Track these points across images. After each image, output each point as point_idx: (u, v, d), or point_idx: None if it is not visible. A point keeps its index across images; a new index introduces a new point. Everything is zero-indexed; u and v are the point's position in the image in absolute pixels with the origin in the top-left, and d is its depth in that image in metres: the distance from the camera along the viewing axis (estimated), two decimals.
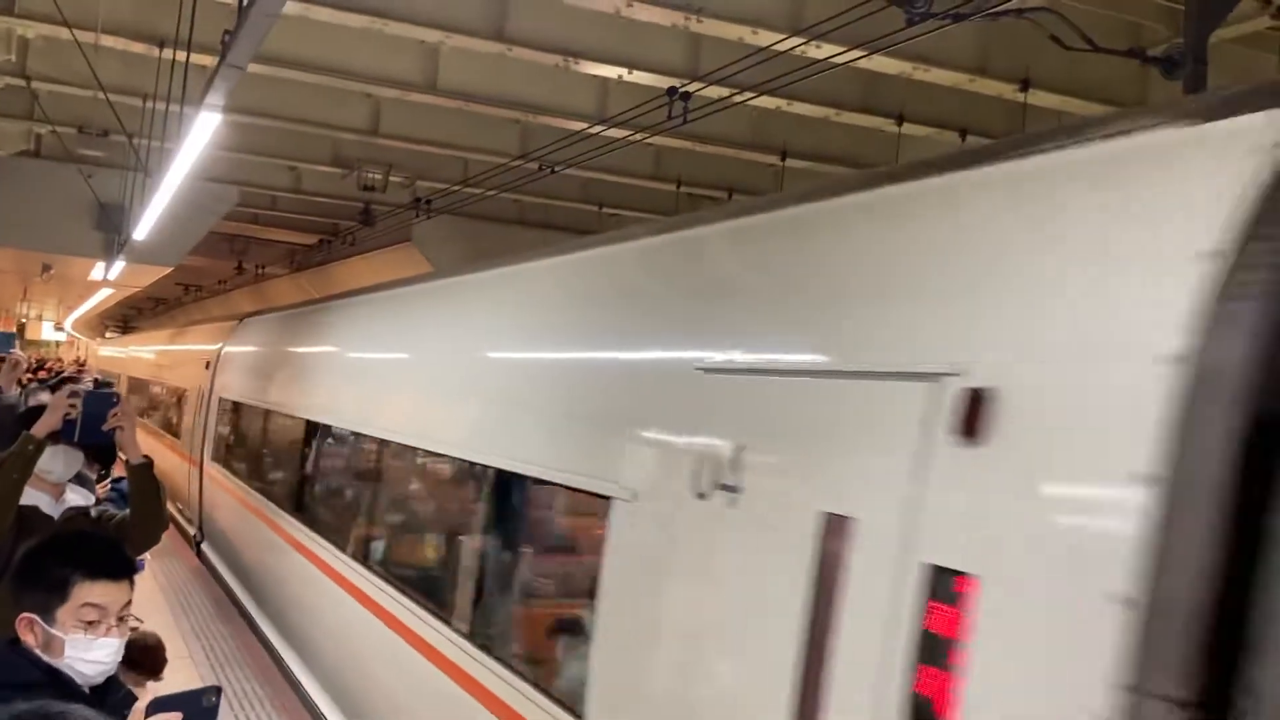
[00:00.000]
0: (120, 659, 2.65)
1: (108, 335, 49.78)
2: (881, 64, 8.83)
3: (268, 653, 9.15)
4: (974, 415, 2.37)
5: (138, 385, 22.21)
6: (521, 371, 5.22)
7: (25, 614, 2.59)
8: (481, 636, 4.83)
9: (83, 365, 36.97)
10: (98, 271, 18.02)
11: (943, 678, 2.31)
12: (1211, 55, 6.84)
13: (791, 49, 8.24)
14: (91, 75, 9.47)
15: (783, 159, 12.30)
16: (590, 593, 3.75)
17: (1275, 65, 8.74)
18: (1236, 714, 1.89)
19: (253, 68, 5.85)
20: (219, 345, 13.76)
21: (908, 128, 10.87)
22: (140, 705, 2.49)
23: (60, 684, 2.55)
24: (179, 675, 7.54)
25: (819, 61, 8.32)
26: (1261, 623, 1.89)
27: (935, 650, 2.36)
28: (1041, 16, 6.77)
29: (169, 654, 5.78)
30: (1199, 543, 1.93)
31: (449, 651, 4.98)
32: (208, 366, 13.70)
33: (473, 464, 5.27)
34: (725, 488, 3.11)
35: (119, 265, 15.98)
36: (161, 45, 9.61)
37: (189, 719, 2.46)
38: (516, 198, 15.48)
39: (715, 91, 9.20)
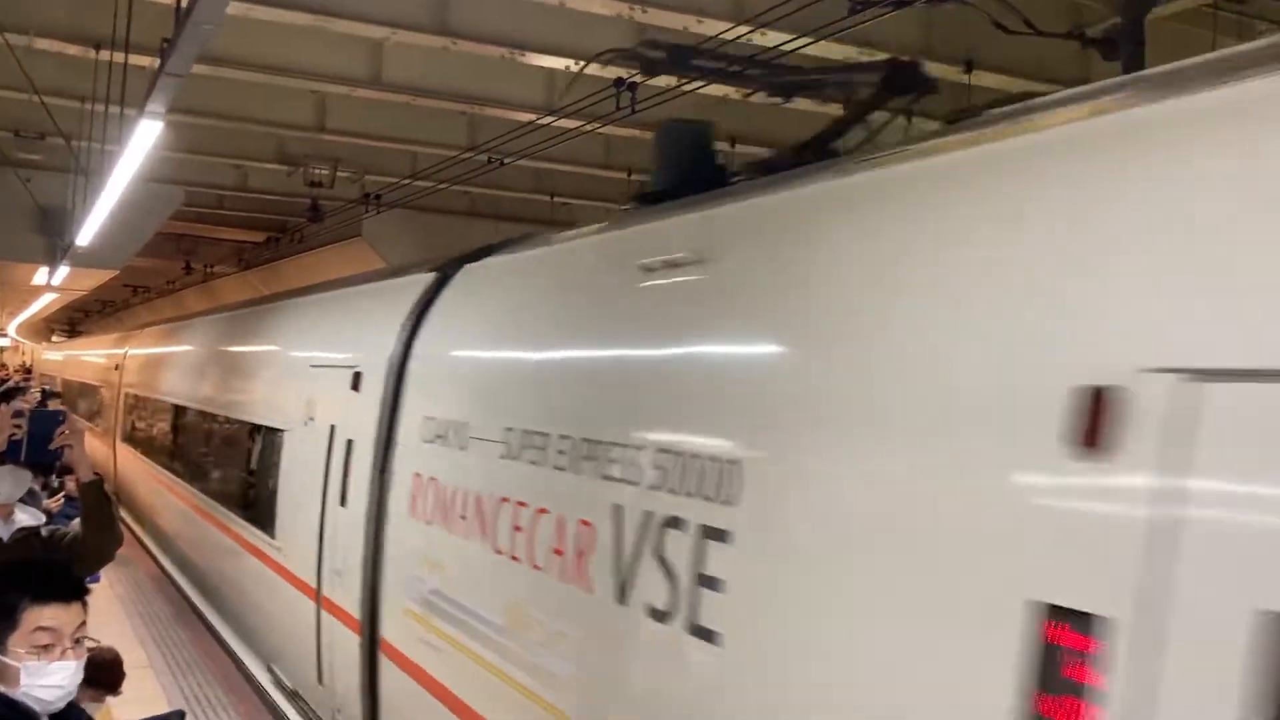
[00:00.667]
0: (79, 681, 2.61)
1: (54, 339, 48.91)
2: (827, 49, 8.87)
3: (229, 656, 9.09)
4: None
5: (70, 385, 25.88)
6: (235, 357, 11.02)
7: None
8: (219, 497, 10.13)
9: (29, 372, 36.34)
10: (41, 276, 17.68)
11: None
12: (1150, 33, 6.95)
13: (737, 38, 8.25)
14: (25, 78, 9.28)
15: (733, 145, 12.32)
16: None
17: (1211, 42, 8.89)
18: None
19: (194, 68, 5.74)
20: (124, 350, 18.56)
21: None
22: None
23: (19, 714, 2.51)
24: (141, 685, 7.48)
25: (765, 50, 8.34)
26: None
27: None
28: (983, 1, 6.84)
29: (128, 664, 5.72)
30: None
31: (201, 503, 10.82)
32: (116, 368, 18.59)
33: (213, 414, 10.99)
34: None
35: (63, 270, 15.69)
36: (98, 47, 9.42)
37: None
38: (467, 190, 15.38)
39: (664, 81, 9.19)
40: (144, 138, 6.62)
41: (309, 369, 7.68)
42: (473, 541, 4.61)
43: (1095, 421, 2.18)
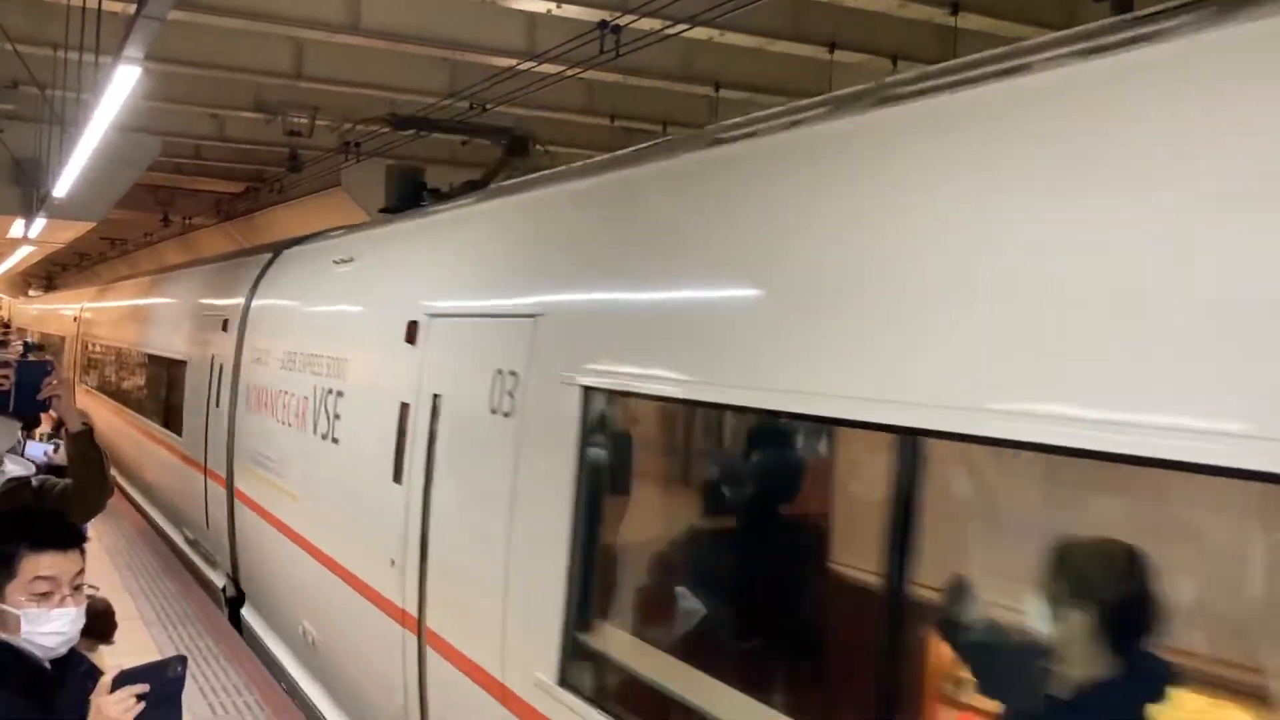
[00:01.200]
0: (81, 627, 2.61)
1: (30, 293, 48.44)
2: None
3: (218, 607, 9.14)
4: None
5: (42, 337, 28.39)
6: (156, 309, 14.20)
7: None
8: (145, 412, 13.31)
9: (7, 326, 36.06)
10: (17, 229, 17.46)
11: None
12: None
13: None
14: None
15: (716, 90, 12.23)
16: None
17: None
18: None
19: (171, 14, 5.63)
20: (81, 305, 22.06)
21: (840, 55, 10.84)
22: (106, 679, 2.45)
23: (21, 660, 2.51)
24: (131, 637, 7.49)
25: None
26: None
27: None
28: None
29: (118, 616, 5.73)
30: None
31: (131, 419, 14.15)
32: (75, 320, 21.94)
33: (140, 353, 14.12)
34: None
35: (39, 222, 15.50)
36: None
37: (156, 690, 2.43)
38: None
39: (647, 24, 9.09)
40: (122, 84, 6.50)
41: (202, 316, 11.05)
42: (270, 418, 8.00)
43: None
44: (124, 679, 2.42)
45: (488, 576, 4.19)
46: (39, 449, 8.70)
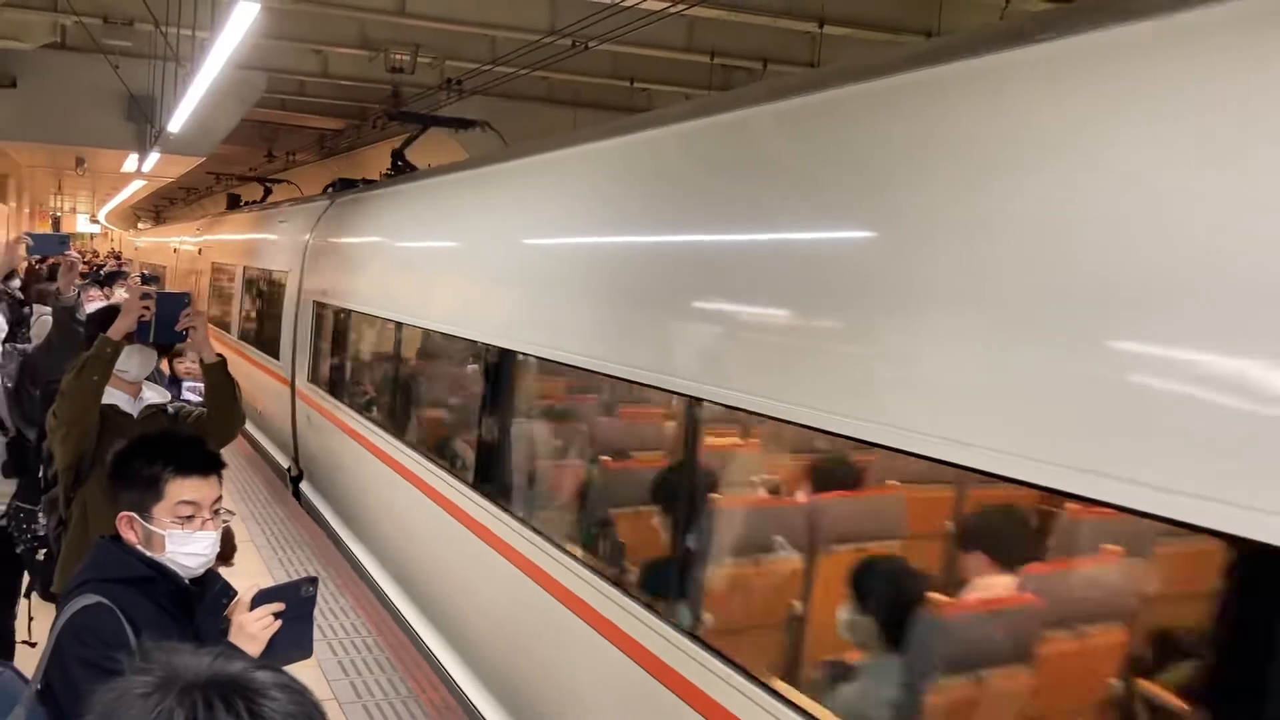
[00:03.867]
0: (217, 550, 2.74)
1: (140, 226, 49.99)
2: None
3: (325, 533, 9.47)
4: None
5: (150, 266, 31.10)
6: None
7: (124, 512, 2.68)
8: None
9: (119, 258, 37.30)
10: (130, 164, 18.01)
11: None
12: None
13: None
14: None
15: (820, 27, 11.98)
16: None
17: None
18: None
19: None
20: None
21: None
22: (245, 597, 2.59)
23: (165, 577, 2.66)
24: (245, 559, 7.81)
25: None
26: None
27: None
28: None
29: (241, 541, 5.96)
30: None
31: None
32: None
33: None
34: None
35: (152, 157, 15.95)
36: None
37: (290, 609, 2.57)
38: (545, 75, 15.22)
39: None
40: (240, 20, 6.63)
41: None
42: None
43: None
44: (262, 597, 2.55)
45: None
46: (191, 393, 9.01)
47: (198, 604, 2.70)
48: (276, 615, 2.54)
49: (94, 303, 6.81)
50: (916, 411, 2.67)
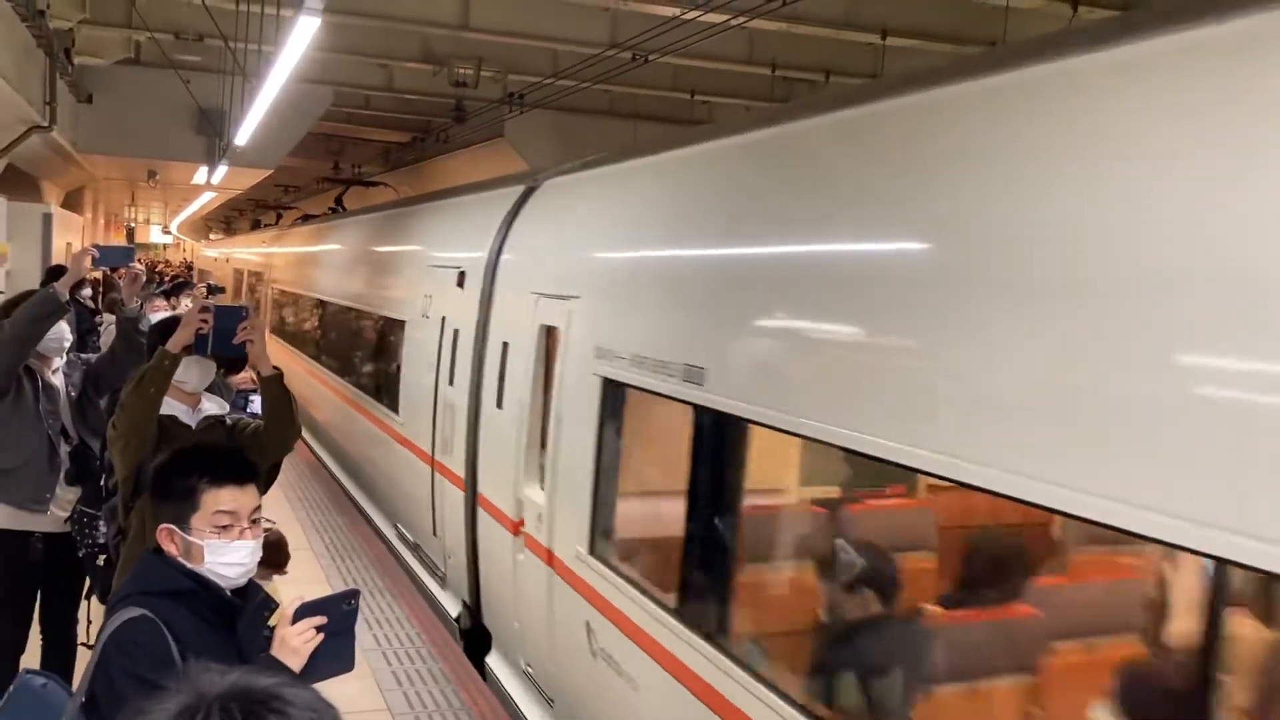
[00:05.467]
0: (258, 559, 2.75)
1: (211, 237, 51.04)
2: None
3: (382, 543, 9.51)
4: None
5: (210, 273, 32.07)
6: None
7: (164, 525, 2.70)
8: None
9: (190, 268, 38.01)
10: (200, 175, 18.39)
11: None
12: None
13: None
14: None
15: (883, 38, 11.87)
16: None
17: None
18: None
19: None
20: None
21: (1015, 1, 10.37)
22: (287, 610, 2.58)
23: (207, 589, 2.67)
24: (304, 567, 7.89)
25: None
26: None
27: None
28: None
29: (290, 547, 6.02)
30: None
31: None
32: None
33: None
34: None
35: (221, 169, 16.27)
36: None
37: (332, 623, 2.56)
38: (606, 88, 15.27)
39: None
40: (302, 34, 6.73)
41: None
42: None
43: None
44: (305, 611, 2.54)
45: None
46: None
47: (239, 616, 2.71)
48: (319, 629, 2.53)
49: (158, 313, 6.93)
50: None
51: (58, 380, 5.11)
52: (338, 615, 2.58)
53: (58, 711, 2.56)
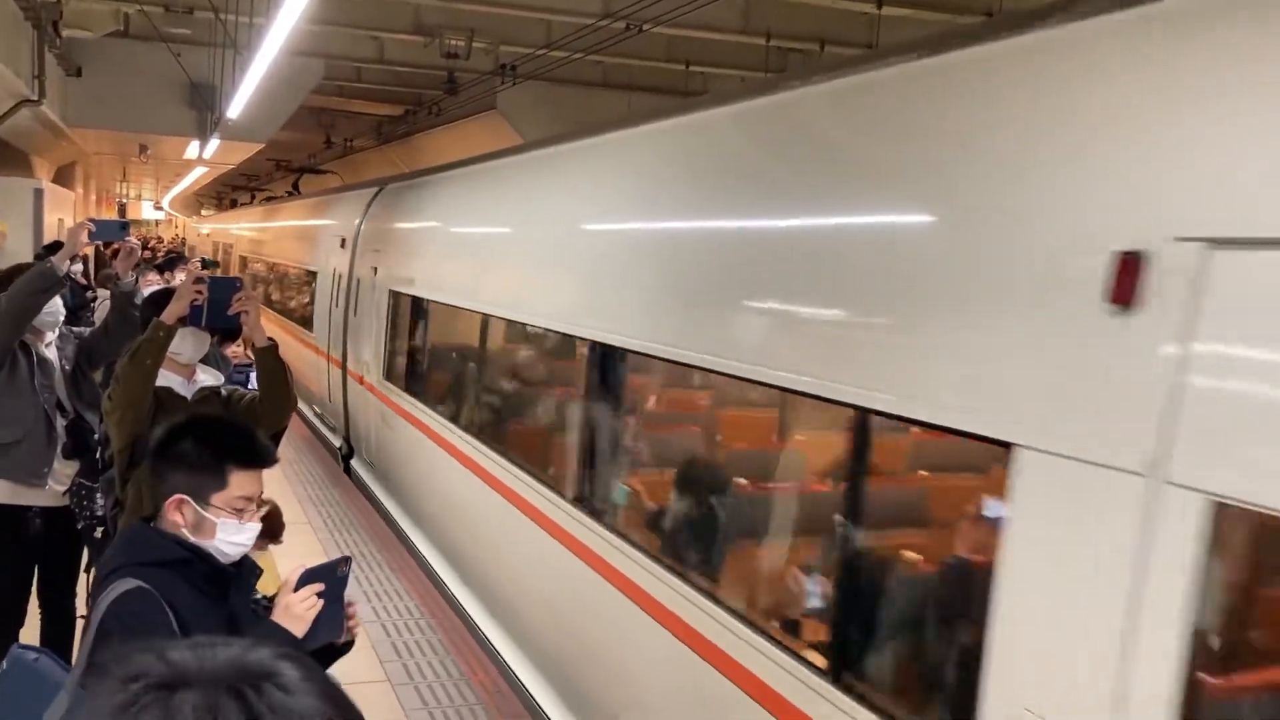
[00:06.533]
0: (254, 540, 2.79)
1: (203, 213, 50.83)
2: None
3: (377, 512, 9.55)
4: None
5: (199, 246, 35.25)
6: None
7: (178, 495, 2.67)
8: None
9: (182, 244, 37.91)
10: (192, 150, 18.28)
11: None
12: None
13: None
14: None
15: (879, 7, 11.80)
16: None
17: None
18: None
19: None
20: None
21: None
22: (290, 578, 2.63)
23: (204, 560, 2.67)
24: (300, 539, 7.90)
25: None
26: None
27: None
28: None
29: (287, 519, 6.02)
30: None
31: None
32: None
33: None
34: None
35: (213, 143, 16.17)
36: None
37: (328, 589, 2.60)
38: (599, 60, 15.17)
39: None
40: (293, 6, 6.66)
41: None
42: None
43: None
44: (307, 578, 2.56)
45: None
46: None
47: (234, 584, 2.73)
48: (318, 595, 2.56)
49: (151, 287, 6.91)
50: None
51: (51, 354, 5.09)
52: (333, 582, 2.62)
53: (53, 685, 2.56)
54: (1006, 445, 2.58)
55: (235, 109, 11.90)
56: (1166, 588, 2.16)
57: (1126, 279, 2.29)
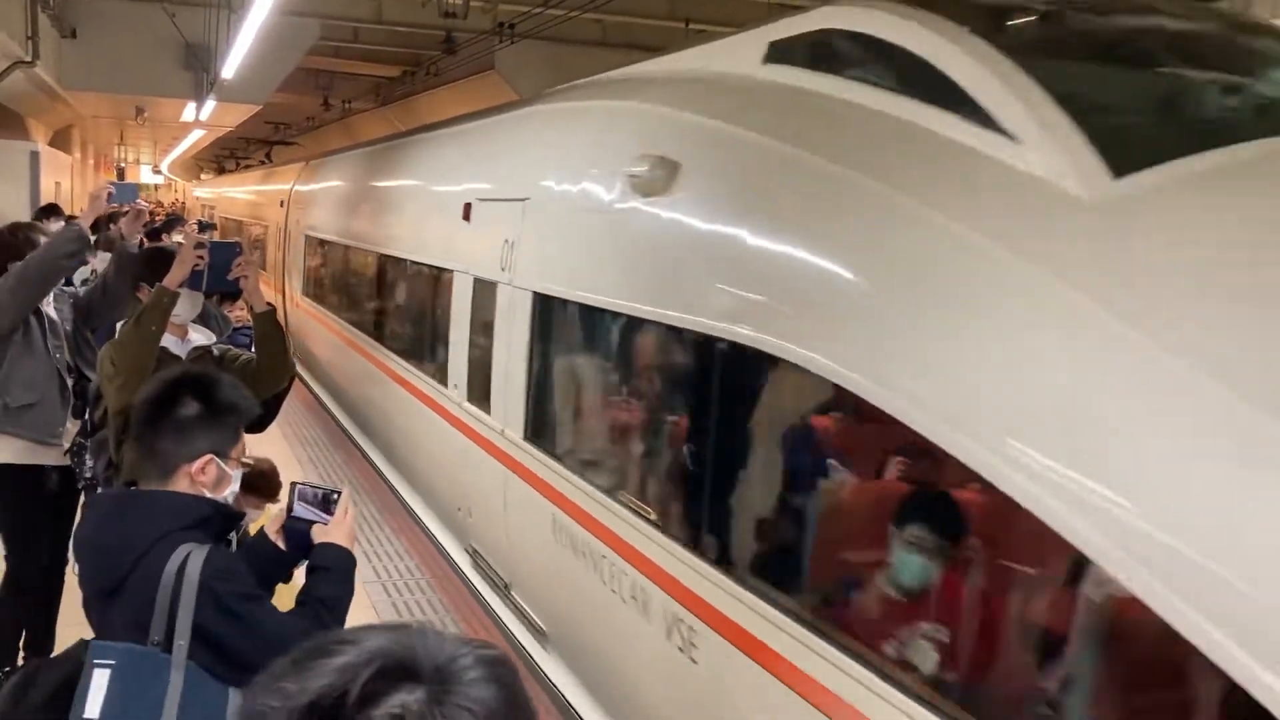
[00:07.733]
0: None
1: (203, 177, 50.62)
2: None
3: (380, 477, 9.56)
4: None
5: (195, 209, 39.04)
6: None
7: (208, 454, 2.73)
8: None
9: (182, 207, 37.78)
10: (189, 112, 18.16)
11: None
12: None
13: None
14: None
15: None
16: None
17: None
18: None
19: None
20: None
21: None
22: (285, 500, 2.87)
23: (225, 515, 2.78)
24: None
25: None
26: None
27: None
28: None
29: (286, 481, 6.02)
30: None
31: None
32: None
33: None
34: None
35: (209, 105, 16.06)
36: None
37: (320, 506, 2.86)
38: (599, 18, 15.01)
39: None
40: None
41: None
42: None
43: None
44: (302, 494, 2.84)
45: None
46: None
47: (236, 532, 2.89)
48: (310, 520, 2.81)
49: None
50: None
51: (54, 314, 5.12)
52: (326, 508, 2.86)
53: (149, 680, 2.46)
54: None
55: (230, 70, 11.80)
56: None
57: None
